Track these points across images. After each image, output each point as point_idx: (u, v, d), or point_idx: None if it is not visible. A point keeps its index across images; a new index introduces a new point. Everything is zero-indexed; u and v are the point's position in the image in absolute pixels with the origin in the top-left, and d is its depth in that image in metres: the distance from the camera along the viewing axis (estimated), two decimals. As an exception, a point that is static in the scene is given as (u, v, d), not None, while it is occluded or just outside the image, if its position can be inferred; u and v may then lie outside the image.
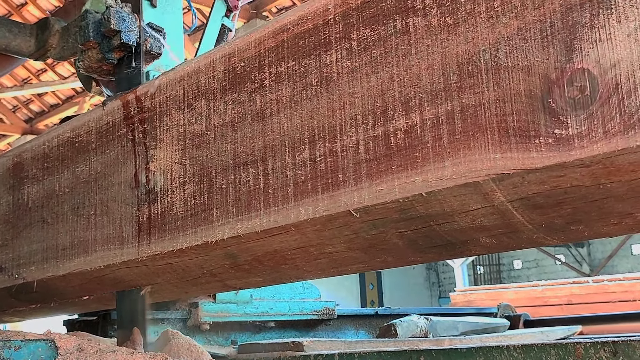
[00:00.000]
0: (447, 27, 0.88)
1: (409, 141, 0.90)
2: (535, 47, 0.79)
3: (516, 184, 0.81)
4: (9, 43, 1.96)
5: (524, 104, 0.80)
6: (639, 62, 0.71)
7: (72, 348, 1.19)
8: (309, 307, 2.38)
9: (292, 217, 1.04)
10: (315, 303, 2.40)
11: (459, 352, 1.47)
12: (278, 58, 1.10)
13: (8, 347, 1.13)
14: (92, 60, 1.69)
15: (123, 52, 1.65)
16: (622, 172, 0.74)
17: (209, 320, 2.10)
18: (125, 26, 1.63)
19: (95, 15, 1.70)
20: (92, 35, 1.67)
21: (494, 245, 0.94)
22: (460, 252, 0.98)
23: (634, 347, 1.23)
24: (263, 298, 2.28)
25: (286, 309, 2.32)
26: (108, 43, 1.66)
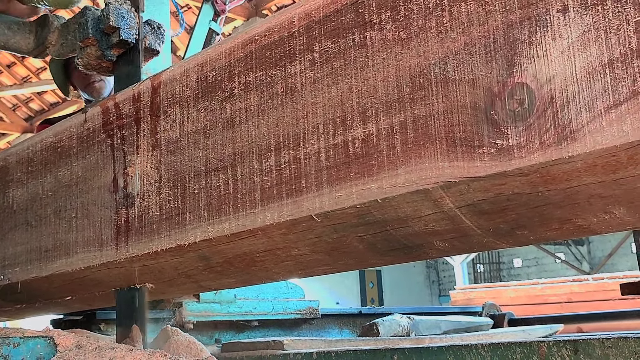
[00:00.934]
0: (401, 41, 0.92)
1: (366, 150, 0.95)
2: (480, 62, 0.84)
3: (462, 191, 0.85)
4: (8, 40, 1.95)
5: (469, 115, 0.84)
6: (571, 77, 0.76)
7: (70, 345, 1.19)
8: (292, 307, 2.42)
9: (259, 221, 1.08)
10: (298, 303, 2.45)
11: (430, 351, 1.52)
12: (247, 68, 1.14)
13: (7, 344, 1.13)
14: (91, 57, 1.68)
15: (122, 49, 1.65)
16: (557, 180, 0.78)
17: (193, 319, 2.15)
18: (125, 23, 1.62)
19: (95, 12, 1.69)
20: (92, 32, 1.66)
21: (447, 249, 0.99)
22: (418, 255, 1.03)
23: (594, 346, 1.28)
24: (247, 298, 2.32)
25: (270, 308, 2.36)
26: (107, 40, 1.65)
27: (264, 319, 2.34)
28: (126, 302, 1.46)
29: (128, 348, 1.20)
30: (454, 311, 2.91)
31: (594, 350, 1.27)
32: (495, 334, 2.54)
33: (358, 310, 2.70)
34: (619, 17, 0.73)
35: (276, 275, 1.24)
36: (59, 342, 1.19)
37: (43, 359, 1.18)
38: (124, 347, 1.20)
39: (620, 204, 0.79)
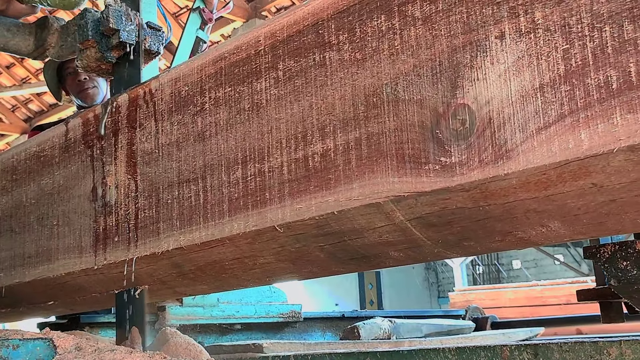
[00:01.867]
0: (357, 61, 0.97)
1: (324, 164, 1.00)
2: (427, 83, 0.89)
3: (411, 205, 0.91)
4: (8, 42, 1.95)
5: (417, 133, 0.89)
6: (507, 100, 0.81)
7: (70, 347, 1.19)
8: (275, 310, 2.47)
9: (227, 231, 1.13)
10: (281, 306, 2.50)
11: (401, 354, 1.56)
12: (217, 84, 1.19)
13: (6, 346, 1.13)
14: (90, 59, 1.68)
15: (122, 51, 1.65)
16: (495, 196, 0.83)
17: (176, 323, 2.19)
18: (124, 25, 1.62)
19: (94, 14, 1.69)
20: (91, 34, 1.66)
21: (402, 258, 1.04)
22: (376, 263, 1.08)
23: (552, 350, 1.33)
24: (230, 301, 2.37)
25: (252, 312, 2.41)
26: (107, 42, 1.65)
27: (247, 322, 2.40)
28: (125, 304, 1.45)
29: (127, 350, 1.20)
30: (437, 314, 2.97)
31: (552, 354, 1.32)
32: (475, 337, 2.59)
33: (341, 314, 2.75)
34: (549, 44, 0.78)
35: (246, 282, 1.29)
36: (59, 344, 1.19)
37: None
38: (124, 349, 1.20)
39: (554, 218, 0.84)
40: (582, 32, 0.75)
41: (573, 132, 0.75)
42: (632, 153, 0.71)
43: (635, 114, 0.71)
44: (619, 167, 0.73)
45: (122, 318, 1.45)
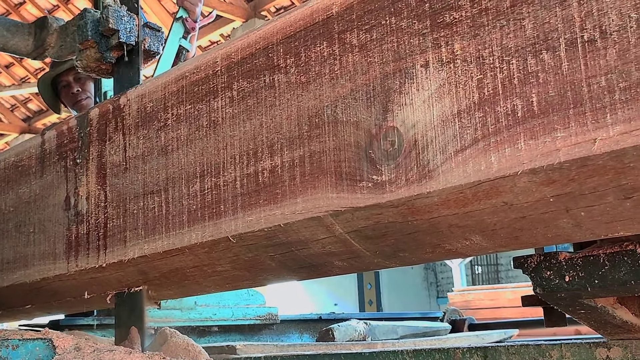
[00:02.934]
0: (302, 84, 1.05)
1: (273, 179, 1.07)
2: (362, 106, 0.96)
3: (348, 219, 0.98)
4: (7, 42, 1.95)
5: (353, 153, 0.96)
6: (430, 124, 0.88)
7: (69, 347, 1.20)
8: (252, 313, 2.54)
9: (186, 240, 1.20)
10: (258, 309, 2.57)
11: (363, 356, 1.64)
12: (179, 101, 1.26)
13: (5, 346, 1.14)
14: (90, 59, 1.68)
15: (121, 51, 1.65)
16: (421, 212, 0.90)
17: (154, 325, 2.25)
18: (124, 25, 1.62)
19: (94, 14, 1.69)
20: (91, 34, 1.66)
21: (346, 267, 1.11)
22: (324, 272, 1.15)
23: (500, 352, 1.40)
24: (208, 304, 2.44)
25: (229, 314, 2.48)
26: (106, 42, 1.65)
27: (224, 324, 2.46)
28: (124, 304, 1.46)
29: (127, 350, 1.20)
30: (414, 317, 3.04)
31: (500, 356, 1.39)
32: (449, 339, 2.66)
33: (318, 316, 2.82)
34: (465, 74, 0.85)
35: (208, 289, 1.36)
36: (58, 344, 1.19)
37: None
38: (123, 350, 1.20)
39: (475, 233, 0.91)
40: (494, 64, 0.82)
41: (485, 155, 0.82)
42: (534, 175, 0.78)
43: (536, 140, 0.78)
44: (524, 188, 0.80)
45: (121, 318, 1.46)
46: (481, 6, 0.84)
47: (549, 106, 0.77)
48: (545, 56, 0.78)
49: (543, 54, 0.78)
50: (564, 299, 1.06)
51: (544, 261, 1.05)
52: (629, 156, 0.72)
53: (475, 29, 0.85)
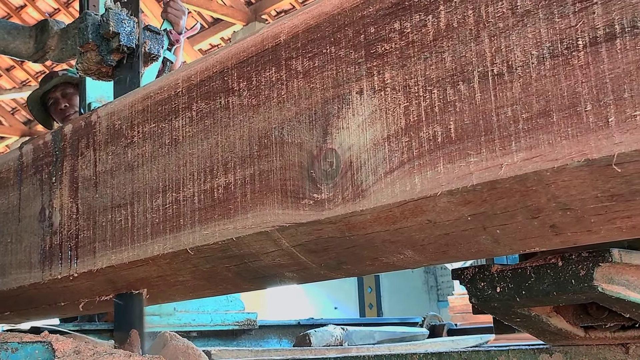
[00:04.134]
0: (253, 107, 1.12)
1: (226, 196, 1.14)
2: (305, 129, 1.03)
3: (293, 234, 1.05)
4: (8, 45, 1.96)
5: (297, 172, 1.03)
6: (363, 147, 0.95)
7: (69, 350, 1.20)
8: (230, 319, 2.61)
9: (149, 252, 1.27)
10: (237, 314, 2.64)
11: (328, 361, 1.70)
12: (144, 120, 1.33)
13: (5, 349, 1.13)
14: (90, 62, 1.69)
15: (122, 54, 1.66)
16: (357, 228, 0.97)
17: (134, 331, 2.32)
18: (124, 28, 1.63)
19: (95, 17, 1.69)
20: (91, 37, 1.67)
21: (297, 278, 1.18)
22: (276, 282, 1.22)
23: (453, 357, 1.47)
24: (187, 310, 2.51)
25: (208, 320, 2.55)
26: (107, 45, 1.66)
27: (203, 330, 2.53)
28: (124, 307, 1.46)
29: (126, 354, 1.21)
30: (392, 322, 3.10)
31: (453, 362, 1.46)
32: (424, 344, 2.72)
33: (297, 322, 2.89)
34: (394, 101, 0.92)
35: (173, 297, 1.43)
36: (57, 347, 1.19)
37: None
38: (122, 353, 1.21)
39: (406, 247, 0.98)
40: (418, 93, 0.89)
41: (410, 176, 0.89)
42: (452, 196, 0.85)
43: (453, 164, 0.85)
44: (444, 207, 0.87)
45: (121, 321, 1.46)
46: (408, 39, 0.91)
47: (464, 133, 0.84)
48: (461, 87, 0.85)
49: (460, 85, 0.85)
50: (498, 308, 1.13)
51: (479, 273, 1.12)
52: (531, 180, 0.79)
53: (403, 60, 0.92)
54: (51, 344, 1.19)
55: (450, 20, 0.87)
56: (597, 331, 1.21)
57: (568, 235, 0.85)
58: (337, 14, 1.01)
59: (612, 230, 0.83)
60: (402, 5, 0.93)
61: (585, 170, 0.74)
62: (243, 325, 2.61)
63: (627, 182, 0.74)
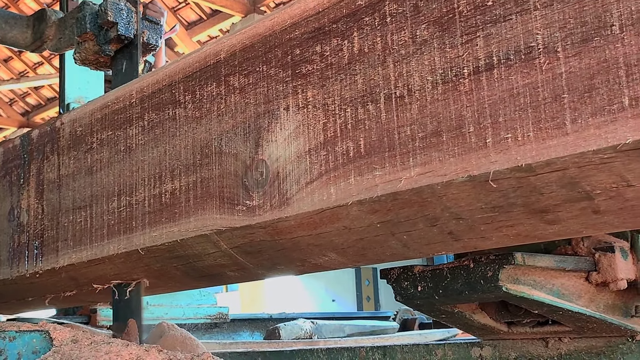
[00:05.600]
0: (196, 118, 1.20)
1: (173, 200, 1.23)
2: (241, 140, 1.12)
3: (229, 237, 1.14)
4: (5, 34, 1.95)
5: (233, 180, 1.12)
6: (289, 158, 1.04)
7: (66, 339, 1.20)
8: (202, 312, 2.70)
9: (106, 251, 1.36)
10: (209, 308, 2.73)
11: (284, 354, 1.80)
12: (102, 127, 1.42)
13: (2, 338, 1.14)
14: (88, 52, 1.69)
15: (120, 44, 1.66)
16: (284, 233, 1.07)
17: (107, 324, 2.42)
18: (122, 18, 1.62)
19: (93, 7, 1.68)
20: (89, 27, 1.66)
21: (238, 277, 1.27)
22: (221, 280, 1.31)
23: (396, 351, 1.56)
24: (161, 304, 2.60)
25: (181, 313, 2.64)
26: (105, 35, 1.65)
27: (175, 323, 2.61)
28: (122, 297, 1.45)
29: (124, 343, 1.20)
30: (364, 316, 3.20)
31: (396, 354, 1.56)
32: (393, 337, 2.82)
33: (269, 315, 2.98)
34: (315, 118, 1.01)
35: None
36: (55, 337, 1.20)
37: (39, 353, 1.19)
38: (120, 342, 1.21)
39: (329, 250, 1.07)
40: (335, 111, 0.98)
41: (327, 187, 0.98)
42: (362, 205, 0.94)
43: (362, 177, 0.94)
44: (356, 215, 0.96)
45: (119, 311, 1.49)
46: (328, 61, 1.00)
47: (371, 149, 0.93)
48: (370, 107, 0.94)
49: (369, 105, 0.94)
50: (421, 306, 1.22)
51: (403, 273, 1.21)
52: (425, 193, 0.88)
53: (323, 80, 1.01)
54: (49, 332, 1.20)
55: (362, 46, 0.96)
56: (518, 327, 1.31)
57: (466, 241, 0.95)
58: (269, 36, 1.10)
59: (502, 237, 0.92)
60: (323, 30, 1.01)
61: (469, 185, 0.84)
62: (215, 319, 2.71)
63: (504, 196, 0.83)
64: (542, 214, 0.84)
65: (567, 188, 0.78)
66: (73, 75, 2.70)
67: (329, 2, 1.01)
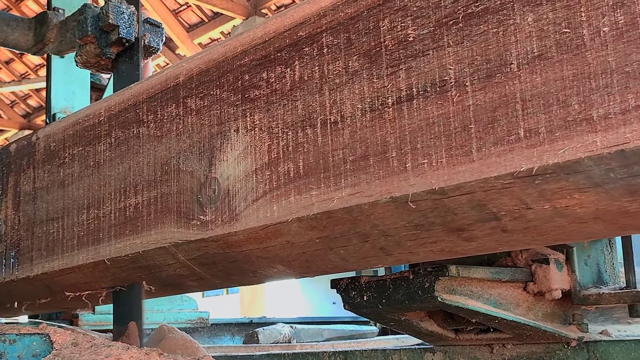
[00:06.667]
0: (158, 137, 1.28)
1: (136, 214, 1.30)
2: (196, 159, 1.19)
3: (186, 249, 1.21)
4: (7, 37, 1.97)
5: (189, 196, 1.20)
6: (238, 177, 1.11)
7: (66, 342, 1.21)
8: (184, 317, 2.78)
9: (76, 261, 1.44)
10: (190, 313, 2.80)
11: (254, 357, 1.87)
12: (74, 143, 1.49)
13: (2, 341, 1.14)
14: (90, 55, 1.69)
15: (121, 47, 1.65)
16: (234, 246, 1.14)
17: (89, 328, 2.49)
18: (124, 21, 1.62)
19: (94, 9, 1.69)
20: (91, 29, 1.66)
21: (198, 286, 1.35)
22: (183, 290, 1.39)
23: (356, 355, 1.64)
24: (142, 309, 2.67)
25: (162, 318, 2.71)
26: (106, 38, 1.65)
27: (156, 328, 2.69)
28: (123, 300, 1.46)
29: (124, 346, 1.21)
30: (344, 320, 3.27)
31: (355, 359, 1.63)
32: (368, 341, 2.89)
33: (249, 320, 3.06)
34: (261, 140, 1.08)
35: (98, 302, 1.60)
36: (55, 340, 1.20)
37: (39, 356, 1.19)
38: (120, 345, 1.21)
39: (277, 263, 1.14)
40: (278, 134, 1.06)
41: (270, 204, 1.05)
42: (300, 222, 1.02)
43: (301, 195, 1.01)
44: (296, 231, 1.04)
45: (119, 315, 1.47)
46: (272, 87, 1.08)
47: (309, 170, 1.01)
48: (308, 131, 1.02)
49: (307, 129, 1.02)
50: (369, 314, 1.30)
51: (351, 283, 1.29)
52: (355, 212, 0.95)
53: (268, 105, 1.08)
54: (49, 336, 1.20)
55: (302, 74, 1.04)
56: (464, 333, 1.38)
57: (396, 255, 1.02)
58: (222, 61, 1.17)
59: (428, 253, 1.00)
60: (269, 58, 1.09)
61: (392, 205, 0.91)
62: (195, 323, 2.78)
63: (423, 215, 0.90)
64: (459, 232, 0.91)
65: (476, 209, 0.86)
66: (59, 86, 2.78)
67: (275, 32, 1.09)
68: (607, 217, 0.80)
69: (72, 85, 2.84)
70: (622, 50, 0.71)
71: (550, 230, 0.86)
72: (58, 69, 2.81)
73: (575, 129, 0.74)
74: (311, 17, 1.03)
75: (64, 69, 2.82)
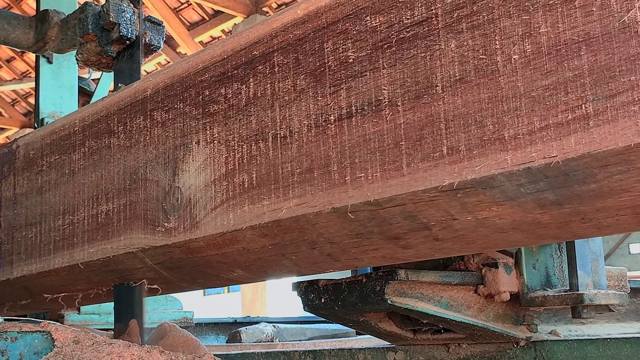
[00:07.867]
0: (127, 147, 1.35)
1: (107, 220, 1.37)
2: (161, 169, 1.26)
3: (153, 254, 1.28)
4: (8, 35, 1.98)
5: (155, 204, 1.27)
6: (198, 187, 1.18)
7: (68, 340, 1.22)
8: (168, 317, 2.84)
9: (52, 265, 1.50)
10: (174, 313, 2.87)
11: (232, 356, 1.94)
12: (51, 151, 1.56)
13: (4, 339, 1.15)
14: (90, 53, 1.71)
15: (122, 45, 1.68)
16: (196, 252, 1.21)
17: (74, 328, 2.56)
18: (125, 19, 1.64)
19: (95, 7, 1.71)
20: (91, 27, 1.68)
21: (166, 289, 1.41)
22: (150, 293, 1.45)
23: (325, 355, 1.70)
24: (127, 309, 2.73)
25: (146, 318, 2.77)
26: (107, 36, 1.67)
27: (141, 327, 2.76)
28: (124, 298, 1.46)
29: (125, 344, 1.21)
30: (328, 320, 3.34)
31: (324, 358, 1.70)
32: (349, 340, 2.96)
33: (233, 319, 3.13)
34: (219, 152, 1.15)
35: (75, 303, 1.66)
36: (57, 337, 1.21)
37: (41, 353, 1.20)
38: (122, 343, 1.21)
39: (236, 267, 1.21)
40: (234, 147, 1.13)
41: (227, 213, 1.12)
42: (254, 230, 1.09)
43: (254, 205, 1.08)
44: (251, 238, 1.11)
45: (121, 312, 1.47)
46: (230, 102, 1.15)
47: (261, 181, 1.07)
48: (261, 145, 1.08)
49: (260, 143, 1.08)
50: (327, 315, 1.37)
51: (309, 286, 1.35)
52: (302, 221, 1.02)
53: (226, 119, 1.15)
54: (50, 333, 1.21)
55: (256, 91, 1.10)
56: (422, 333, 1.45)
57: (343, 261, 1.09)
58: (185, 77, 1.24)
59: (371, 259, 1.06)
60: (227, 74, 1.16)
61: (334, 215, 0.98)
62: (180, 323, 2.84)
63: (362, 225, 0.97)
64: (396, 240, 0.98)
65: (409, 220, 0.93)
66: (47, 91, 2.84)
67: (232, 49, 1.16)
68: (523, 227, 0.87)
69: (61, 90, 2.90)
70: (529, 77, 0.78)
71: (477, 239, 0.93)
72: (46, 74, 2.87)
73: (490, 147, 0.81)
74: (264, 37, 1.10)
75: (53, 74, 2.88)
